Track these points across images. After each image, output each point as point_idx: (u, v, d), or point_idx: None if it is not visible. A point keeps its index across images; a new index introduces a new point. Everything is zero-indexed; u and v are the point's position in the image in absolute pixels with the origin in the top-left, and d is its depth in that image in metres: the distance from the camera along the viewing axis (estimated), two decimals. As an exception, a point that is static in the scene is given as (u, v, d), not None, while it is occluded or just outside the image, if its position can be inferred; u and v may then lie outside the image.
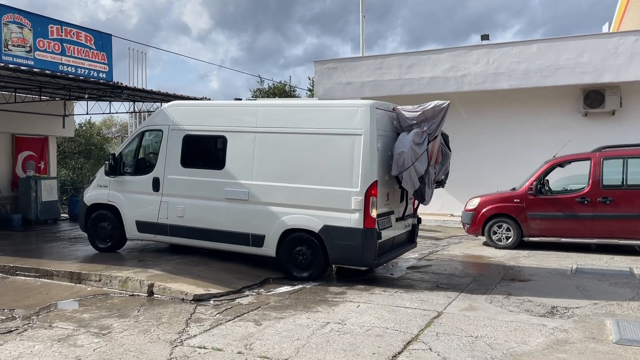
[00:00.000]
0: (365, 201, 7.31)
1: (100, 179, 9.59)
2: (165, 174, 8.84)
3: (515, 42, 14.31)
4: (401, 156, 7.54)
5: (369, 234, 7.33)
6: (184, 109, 9.13)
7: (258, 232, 8.07)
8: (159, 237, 9.00)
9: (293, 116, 8.11)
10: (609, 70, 13.29)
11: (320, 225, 7.59)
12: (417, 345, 5.01)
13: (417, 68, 14.74)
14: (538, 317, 5.95)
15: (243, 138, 8.31)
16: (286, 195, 7.89)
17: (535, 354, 4.78)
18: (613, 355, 4.72)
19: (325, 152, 7.66)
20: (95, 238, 9.61)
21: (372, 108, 7.50)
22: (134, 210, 9.09)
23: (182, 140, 8.78)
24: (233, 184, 8.27)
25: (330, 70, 15.73)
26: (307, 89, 34.16)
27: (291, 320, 5.89)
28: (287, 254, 7.94)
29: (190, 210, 8.58)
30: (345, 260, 7.76)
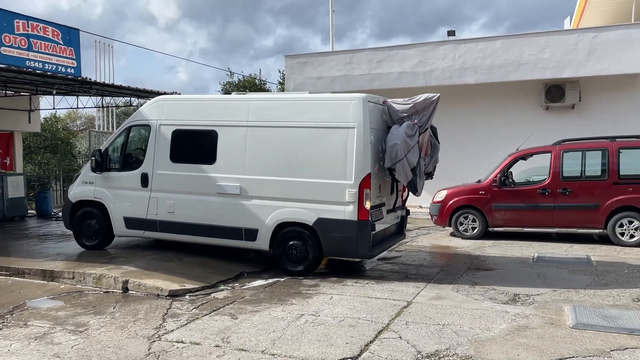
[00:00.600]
0: (359, 193, 7.41)
1: (86, 176, 9.45)
2: (154, 169, 8.78)
3: (480, 38, 14.72)
4: (394, 148, 7.67)
5: (363, 225, 7.44)
6: (172, 104, 9.06)
7: (251, 226, 8.10)
8: (148, 233, 8.96)
9: (285, 110, 8.12)
10: (569, 66, 13.84)
11: (314, 218, 7.66)
12: (388, 334, 5.26)
13: (386, 63, 15.01)
14: (501, 305, 6.28)
15: (234, 132, 8.29)
16: (279, 188, 7.92)
17: (498, 340, 5.08)
18: (569, 339, 5.05)
19: (318, 146, 7.71)
20: (82, 236, 9.47)
21: (365, 101, 7.57)
22: (122, 207, 9.02)
23: (171, 135, 8.72)
24: (224, 178, 8.26)
25: (301, 64, 15.86)
26: (277, 82, 34.13)
27: (266, 313, 6.07)
28: (281, 248, 7.98)
29: (180, 206, 8.55)
30: (340, 253, 7.87)
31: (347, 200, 7.46)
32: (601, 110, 14.26)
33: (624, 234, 10.35)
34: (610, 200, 10.42)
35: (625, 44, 13.26)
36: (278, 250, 8.01)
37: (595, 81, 14.11)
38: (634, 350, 4.72)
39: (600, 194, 10.55)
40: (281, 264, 8.03)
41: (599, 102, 14.34)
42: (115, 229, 9.17)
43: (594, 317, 5.65)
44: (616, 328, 5.30)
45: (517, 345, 4.91)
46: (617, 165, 10.49)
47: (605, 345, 4.87)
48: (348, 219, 7.47)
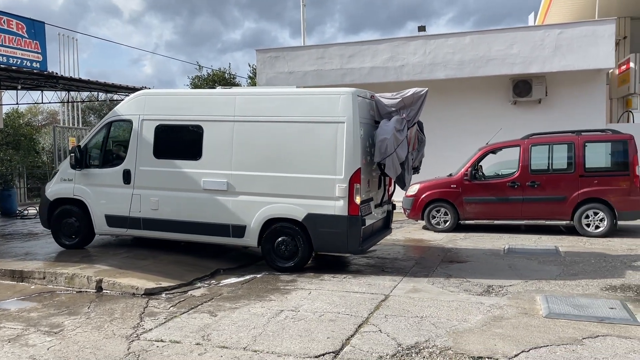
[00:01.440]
0: (350, 188, 7.37)
1: (64, 173, 9.18)
2: (137, 165, 8.57)
3: (449, 34, 14.92)
4: (384, 143, 7.66)
5: (353, 220, 7.42)
6: (155, 98, 8.84)
7: (238, 222, 7.99)
8: (131, 231, 8.75)
9: (272, 104, 8.00)
10: (536, 62, 14.17)
11: (304, 213, 7.61)
12: (368, 328, 5.32)
13: (357, 58, 15.07)
14: (476, 296, 6.43)
15: (220, 127, 8.15)
16: (267, 184, 7.83)
17: (475, 330, 5.20)
18: (543, 328, 5.21)
19: (307, 140, 7.64)
20: (60, 234, 9.21)
21: (354, 95, 7.54)
22: (103, 204, 8.79)
23: (154, 131, 8.52)
24: (211, 174, 8.11)
25: (273, 59, 15.78)
26: (247, 76, 33.87)
27: (246, 309, 6.05)
28: (270, 244, 7.90)
29: (165, 203, 8.38)
30: (330, 248, 7.82)
31: (337, 196, 7.43)
32: (566, 104, 14.66)
33: (590, 225, 10.70)
34: (577, 193, 10.75)
35: (590, 40, 13.66)
36: (267, 247, 7.93)
37: (561, 76, 14.49)
38: (605, 338, 4.90)
39: (566, 187, 10.88)
40: (270, 260, 7.95)
41: (564, 97, 14.74)
42: (97, 228, 8.93)
43: (565, 307, 5.84)
44: (587, 317, 5.49)
45: (493, 336, 5.04)
46: (583, 159, 10.83)
47: (578, 333, 5.04)
48: (338, 214, 7.44)
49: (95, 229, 8.98)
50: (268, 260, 8.00)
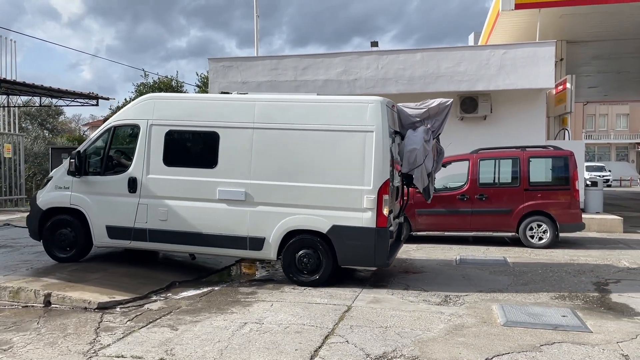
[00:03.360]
0: (378, 200, 7.14)
1: (60, 180, 8.52)
2: (145, 173, 8.04)
3: (401, 50, 15.32)
4: (413, 153, 7.56)
5: (381, 233, 7.21)
6: (166, 102, 8.35)
7: (257, 234, 7.60)
8: (135, 243, 8.15)
9: (296, 112, 7.68)
10: (482, 80, 14.78)
11: (329, 225, 7.31)
12: (335, 339, 5.33)
13: (311, 70, 15.18)
14: (435, 306, 6.58)
15: (238, 134, 7.75)
16: (289, 194, 7.49)
17: (439, 340, 5.32)
18: (503, 336, 5.41)
19: (333, 149, 7.38)
20: (53, 247, 8.52)
21: (383, 104, 7.34)
22: (104, 214, 8.17)
23: (164, 136, 8.02)
24: (227, 183, 7.69)
25: (226, 68, 15.63)
26: (195, 84, 33.36)
27: (208, 322, 5.91)
28: (290, 257, 7.56)
29: (175, 213, 7.87)
30: (356, 261, 7.57)
31: (365, 207, 7.19)
32: (509, 121, 15.35)
33: (534, 236, 11.21)
34: (522, 206, 11.25)
35: (531, 61, 14.39)
36: (287, 260, 7.57)
37: (505, 94, 15.17)
38: (561, 344, 5.14)
39: (512, 200, 11.37)
40: (290, 274, 7.61)
41: (508, 114, 15.44)
42: (96, 239, 8.31)
43: (521, 315, 6.09)
44: (542, 324, 5.74)
45: (457, 344, 5.17)
46: (528, 173, 11.36)
47: (535, 340, 5.26)
48: (366, 227, 7.19)
49: (95, 241, 8.34)
50: (288, 274, 7.63)
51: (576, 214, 11.34)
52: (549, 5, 15.07)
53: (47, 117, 37.34)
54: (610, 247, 11.25)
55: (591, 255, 10.24)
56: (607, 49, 19.74)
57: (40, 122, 36.90)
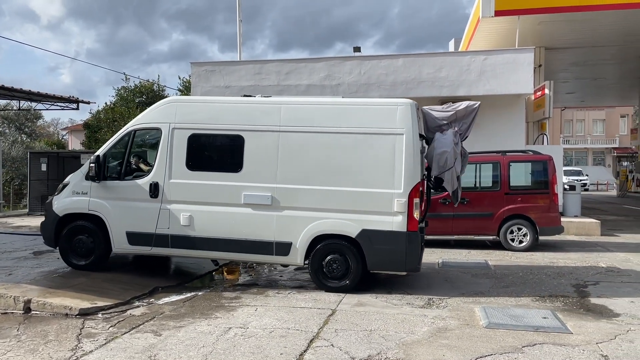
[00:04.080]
0: (409, 203, 7.09)
1: (77, 185, 8.27)
2: (167, 178, 7.88)
3: (383, 55, 15.45)
4: (443, 156, 7.53)
5: (413, 237, 7.15)
6: (188, 106, 8.19)
7: (283, 239, 7.48)
8: (156, 249, 7.98)
9: (324, 114, 7.59)
10: (463, 85, 14.96)
11: (358, 229, 7.23)
12: (320, 343, 5.34)
13: (294, 75, 15.22)
14: (419, 309, 6.64)
15: (264, 137, 7.63)
16: (317, 198, 7.38)
17: (423, 342, 5.37)
18: (486, 338, 5.48)
19: (362, 152, 7.31)
20: (71, 254, 8.26)
21: (413, 106, 7.31)
22: (124, 220, 7.98)
23: (187, 140, 7.87)
24: (253, 187, 7.56)
25: (209, 72, 15.58)
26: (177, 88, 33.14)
27: (192, 328, 5.88)
28: (318, 263, 7.43)
29: (198, 218, 7.72)
30: (386, 266, 7.47)
31: (396, 211, 7.12)
32: (490, 126, 15.54)
33: (514, 239, 11.37)
34: (502, 209, 11.41)
35: (511, 67, 14.63)
36: (315, 266, 7.46)
37: (486, 100, 15.31)
38: (542, 346, 5.23)
39: (493, 204, 11.53)
40: (318, 280, 7.51)
41: (488, 119, 15.62)
42: (115, 246, 8.11)
43: (503, 317, 6.17)
44: (524, 326, 5.83)
45: (441, 346, 5.23)
46: (508, 177, 11.54)
47: (517, 342, 5.34)
48: (396, 230, 7.12)
49: (114, 248, 8.13)
50: (315, 280, 7.54)
51: (555, 217, 11.54)
52: (528, 13, 15.37)
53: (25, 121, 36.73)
54: (588, 249, 11.46)
55: (570, 257, 10.42)
56: (583, 55, 20.21)
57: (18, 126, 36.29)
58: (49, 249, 10.61)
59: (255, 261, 8.13)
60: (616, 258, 10.37)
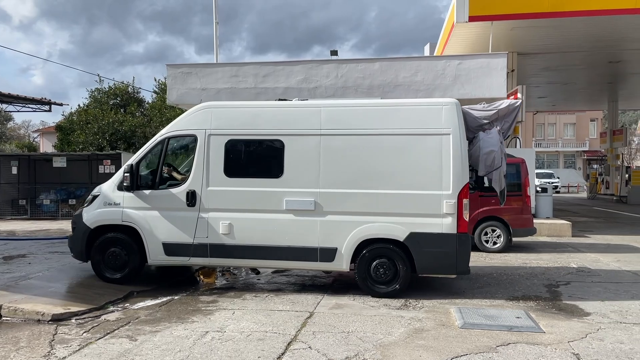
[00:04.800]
0: (458, 204, 7.00)
1: (108, 196, 8.02)
2: (204, 185, 7.67)
3: (360, 59, 15.56)
4: (490, 155, 7.46)
5: (463, 239, 7.07)
6: (224, 111, 7.94)
7: (328, 245, 7.32)
8: (194, 259, 7.77)
9: (366, 116, 7.47)
10: (438, 89, 15.15)
11: (406, 233, 7.11)
12: (298, 345, 5.35)
13: (272, 78, 15.21)
14: (396, 310, 6.70)
15: (304, 141, 7.49)
16: (362, 202, 7.26)
17: (400, 343, 5.42)
18: (461, 338, 5.56)
19: (407, 154, 7.20)
20: (104, 267, 8.00)
21: (458, 106, 7.22)
22: (160, 231, 7.75)
23: (224, 147, 7.68)
24: (295, 193, 7.41)
25: (185, 75, 15.46)
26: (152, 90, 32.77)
27: (168, 332, 5.82)
28: (365, 268, 7.30)
29: (239, 226, 7.54)
30: (436, 269, 7.36)
31: (445, 212, 7.03)
32: (465, 130, 15.80)
33: (488, 241, 11.56)
34: (477, 211, 11.57)
35: (485, 71, 14.88)
36: (362, 271, 7.31)
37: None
38: (516, 345, 5.34)
39: (468, 206, 11.68)
40: (364, 285, 7.36)
41: (463, 123, 15.88)
42: (151, 257, 7.86)
43: (477, 317, 6.27)
44: (498, 326, 5.94)
45: (417, 347, 5.29)
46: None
47: (492, 342, 5.44)
48: (446, 233, 7.03)
49: (149, 259, 7.89)
50: (363, 285, 7.38)
51: (528, 219, 11.77)
52: (501, 18, 15.65)
53: (-6, 122, 35.79)
54: (560, 250, 11.72)
55: (542, 258, 10.64)
56: (555, 60, 20.66)
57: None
58: (20, 253, 10.41)
59: (298, 268, 8.03)
60: (587, 258, 10.63)
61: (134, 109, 28.49)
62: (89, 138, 25.72)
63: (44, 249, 11.54)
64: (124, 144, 25.72)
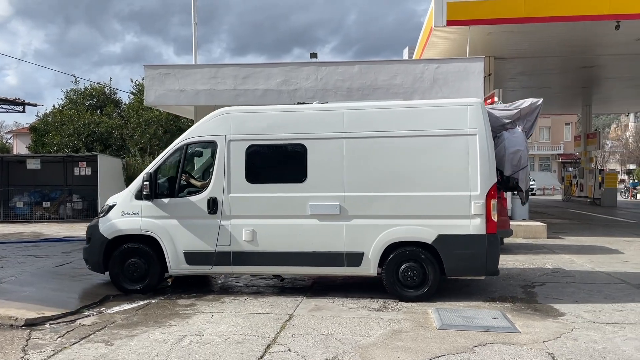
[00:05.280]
0: (487, 205, 6.99)
1: (126, 205, 7.83)
2: (226, 192, 7.54)
3: (340, 62, 15.63)
4: (517, 155, 7.45)
5: (492, 240, 7.06)
6: (244, 116, 7.81)
7: (354, 249, 7.26)
8: (217, 268, 7.65)
9: (390, 118, 7.42)
10: (417, 92, 15.27)
11: (434, 235, 7.08)
12: (277, 348, 5.33)
13: (251, 80, 15.15)
14: (375, 312, 6.73)
15: (327, 145, 7.42)
16: (388, 205, 7.21)
17: (378, 345, 5.45)
18: (439, 339, 5.61)
19: (433, 155, 7.18)
20: (123, 278, 7.82)
21: (483, 105, 7.25)
22: (181, 239, 7.61)
23: (245, 152, 7.58)
24: (319, 197, 7.33)
25: (162, 76, 15.30)
26: (129, 92, 32.39)
27: (145, 336, 5.75)
28: (393, 272, 7.24)
29: (262, 233, 7.43)
30: (465, 271, 7.40)
31: (473, 213, 7.01)
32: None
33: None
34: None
35: (462, 75, 15.06)
36: (390, 275, 7.25)
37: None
38: (492, 345, 5.41)
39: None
40: (393, 289, 7.30)
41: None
42: (172, 266, 7.69)
43: (455, 318, 6.34)
44: (475, 327, 6.01)
45: (396, 348, 5.32)
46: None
47: (469, 342, 5.50)
48: (475, 234, 7.02)
49: (170, 269, 7.73)
50: (391, 289, 7.31)
51: (505, 220, 11.89)
52: (478, 23, 15.86)
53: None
54: (535, 252, 11.92)
55: (518, 260, 10.81)
56: (530, 65, 21.02)
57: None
58: (-8, 257, 10.17)
59: (324, 274, 7.96)
60: (561, 260, 10.83)
61: (110, 110, 28.10)
62: (64, 139, 25.28)
63: (17, 252, 11.32)
64: (100, 145, 25.34)
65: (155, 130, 24.61)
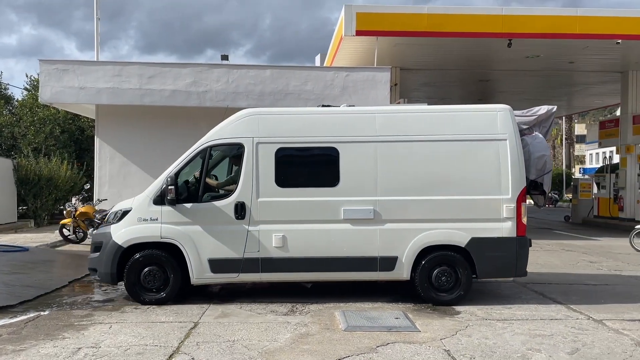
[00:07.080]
0: (517, 208, 7.19)
1: (143, 211, 7.27)
2: (254, 197, 7.22)
3: (252, 65, 15.60)
4: (542, 159, 7.57)
5: (522, 242, 7.24)
6: (272, 118, 7.53)
7: (388, 254, 7.19)
8: (244, 275, 7.26)
9: (421, 122, 7.47)
10: (327, 99, 15.49)
11: (467, 238, 7.15)
12: (180, 357, 5.17)
13: (158, 79, 14.64)
14: (282, 316, 6.74)
15: (360, 149, 7.31)
16: (422, 209, 7.22)
17: (285, 349, 5.46)
18: (344, 341, 5.73)
19: (466, 159, 7.29)
20: (140, 289, 7.24)
21: (511, 111, 7.44)
22: (205, 247, 7.17)
23: (274, 155, 7.28)
24: (353, 202, 7.19)
25: (60, 72, 14.37)
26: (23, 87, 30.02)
27: (34, 350, 5.34)
28: (426, 276, 7.22)
29: (293, 238, 7.18)
30: (496, 273, 7.52)
31: (505, 217, 7.19)
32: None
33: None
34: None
35: (370, 84, 15.57)
36: (423, 279, 7.22)
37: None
38: (394, 345, 5.61)
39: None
40: (426, 292, 7.26)
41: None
42: (195, 275, 7.20)
43: (360, 320, 6.50)
44: (378, 327, 6.21)
45: (302, 352, 5.36)
46: None
47: (372, 342, 5.67)
48: (506, 237, 7.19)
49: (193, 278, 7.22)
50: (425, 294, 7.27)
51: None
52: (385, 34, 16.46)
53: None
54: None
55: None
56: (433, 77, 22.19)
57: None
58: None
59: (356, 279, 7.73)
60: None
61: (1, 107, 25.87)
62: (-55, 137, 22.89)
63: None
64: (-13, 144, 23.24)
65: (52, 129, 22.97)
